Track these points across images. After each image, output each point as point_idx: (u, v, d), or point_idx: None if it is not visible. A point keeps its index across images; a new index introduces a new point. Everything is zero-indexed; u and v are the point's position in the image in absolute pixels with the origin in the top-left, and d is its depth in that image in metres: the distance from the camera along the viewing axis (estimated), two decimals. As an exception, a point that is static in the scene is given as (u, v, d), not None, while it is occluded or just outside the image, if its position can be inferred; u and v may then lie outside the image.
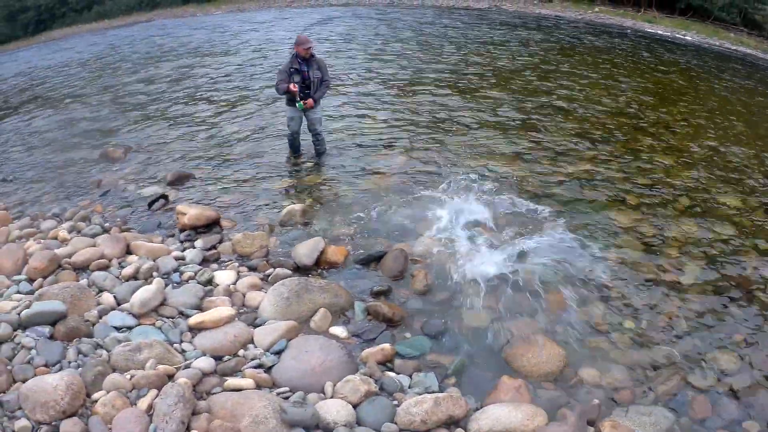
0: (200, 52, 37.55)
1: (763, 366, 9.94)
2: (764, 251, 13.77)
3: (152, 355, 8.01)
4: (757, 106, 31.61)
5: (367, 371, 8.53)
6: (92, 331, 8.82)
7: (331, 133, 18.32)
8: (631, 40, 51.37)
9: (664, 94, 30.44)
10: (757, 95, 34.98)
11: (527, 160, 17.62)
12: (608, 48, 45.29)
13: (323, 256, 11.43)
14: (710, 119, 25.76)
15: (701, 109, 27.81)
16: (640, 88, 30.71)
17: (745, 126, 25.47)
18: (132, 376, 7.63)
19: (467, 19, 57.45)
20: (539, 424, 7.89)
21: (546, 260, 12.32)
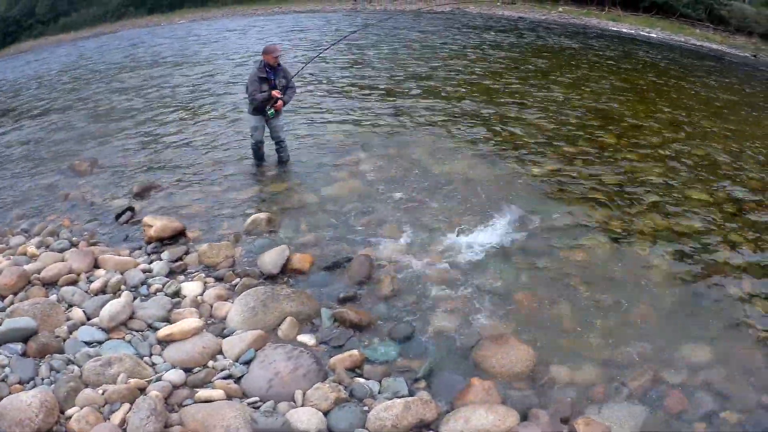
0: (166, 62, 37.60)
1: (737, 357, 10.06)
2: (734, 244, 13.95)
3: (123, 369, 8.02)
4: (724, 101, 31.86)
5: (336, 378, 8.56)
6: (63, 346, 8.84)
7: (294, 141, 18.33)
8: (596, 40, 51.88)
9: (630, 91, 30.71)
10: (724, 90, 35.29)
11: (493, 161, 17.72)
12: (573, 48, 45.74)
13: (289, 264, 11.43)
14: (677, 115, 26.01)
15: (668, 106, 28.01)
16: (606, 87, 31.00)
17: (712, 121, 25.71)
18: (104, 391, 7.65)
19: (431, 22, 57.84)
20: (511, 425, 7.93)
21: (513, 260, 12.44)
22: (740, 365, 9.89)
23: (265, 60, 15.15)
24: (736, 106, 30.87)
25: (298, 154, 17.47)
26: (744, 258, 13.50)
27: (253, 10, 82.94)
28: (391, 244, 12.68)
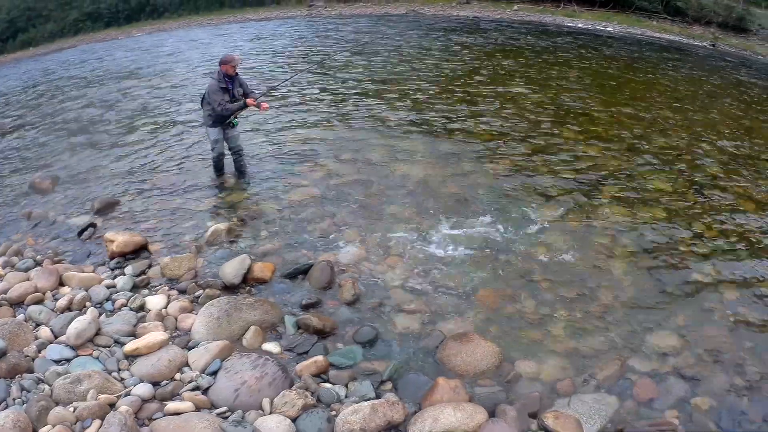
0: (126, 75, 37.08)
1: (705, 342, 10.29)
2: (697, 231, 14.24)
3: (92, 385, 8.05)
4: (683, 91, 32.11)
5: (302, 384, 8.65)
6: (33, 366, 8.85)
7: (252, 150, 18.33)
8: (552, 36, 51.96)
9: (588, 86, 30.90)
10: (683, 80, 35.58)
11: (451, 161, 17.85)
12: (529, 45, 45.81)
13: (250, 273, 11.49)
14: (636, 107, 26.23)
15: (626, 98, 28.29)
16: (563, 82, 31.15)
17: (672, 111, 25.98)
18: (75, 408, 7.67)
19: (388, 25, 57.53)
20: (479, 422, 8.05)
21: (474, 258, 12.56)
22: (709, 350, 10.12)
23: (223, 70, 15.02)
24: (695, 96, 31.12)
25: (256, 163, 17.51)
26: (707, 244, 13.79)
27: (208, 20, 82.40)
28: (351, 248, 12.78)
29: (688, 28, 64.51)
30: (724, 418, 8.75)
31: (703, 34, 61.87)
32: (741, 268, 13.04)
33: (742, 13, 63.26)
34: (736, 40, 60.18)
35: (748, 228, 14.86)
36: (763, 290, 12.18)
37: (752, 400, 9.17)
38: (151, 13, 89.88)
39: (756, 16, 64.19)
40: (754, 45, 58.49)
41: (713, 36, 60.96)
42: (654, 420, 8.62)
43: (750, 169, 19.03)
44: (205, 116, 15.54)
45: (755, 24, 63.05)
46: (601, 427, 8.43)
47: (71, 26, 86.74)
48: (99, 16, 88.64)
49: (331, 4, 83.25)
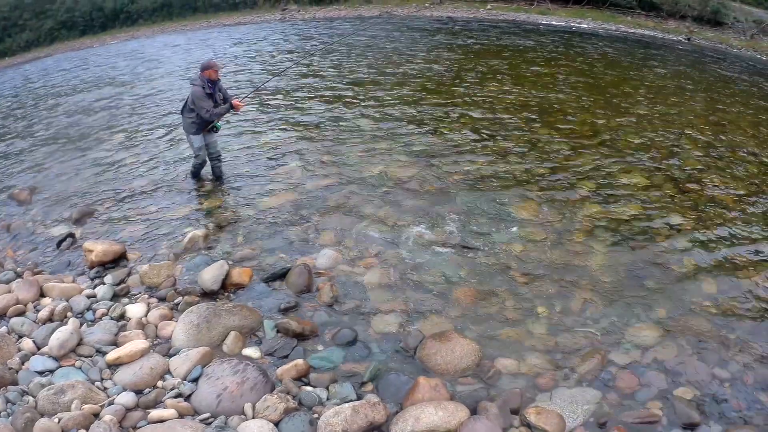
0: (102, 84, 36.87)
1: (686, 334, 10.41)
2: (674, 224, 14.36)
3: (76, 395, 8.07)
4: (658, 85, 32.29)
5: (283, 388, 8.69)
6: (17, 378, 8.88)
7: (228, 154, 18.33)
8: (526, 34, 52.04)
9: (561, 82, 30.93)
10: (658, 74, 35.75)
11: (427, 161, 17.91)
12: (502, 43, 45.87)
13: (228, 278, 11.49)
14: (609, 102, 26.40)
15: (600, 94, 28.40)
16: (536, 79, 31.28)
17: (648, 106, 26.17)
18: (60, 419, 7.68)
19: (361, 27, 57.37)
20: (461, 420, 8.12)
21: (451, 257, 12.64)
22: (689, 341, 10.23)
23: (206, 76, 14.98)
24: (671, 90, 31.26)
25: (232, 168, 17.50)
26: (685, 237, 13.93)
27: (182, 26, 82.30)
28: (328, 251, 12.78)
29: (663, 22, 64.85)
30: (707, 408, 8.84)
31: (678, 29, 62.24)
32: (719, 259, 13.18)
33: (717, 7, 63.54)
34: (712, 34, 60.56)
35: (726, 219, 15.02)
36: (742, 281, 12.33)
37: (735, 389, 9.27)
38: (125, 20, 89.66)
39: (731, 9, 64.48)
40: (730, 38, 58.90)
41: (688, 30, 61.30)
42: (637, 412, 8.70)
43: (727, 162, 19.19)
44: (188, 124, 15.43)
45: (730, 17, 63.37)
46: (583, 420, 8.50)
47: (47, 35, 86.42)
48: (74, 24, 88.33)
49: (304, 8, 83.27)
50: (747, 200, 16.35)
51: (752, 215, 15.47)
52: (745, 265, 13.00)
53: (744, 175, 18.23)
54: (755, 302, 11.67)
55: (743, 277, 12.48)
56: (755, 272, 12.75)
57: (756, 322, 11.02)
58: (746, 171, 18.57)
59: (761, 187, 17.34)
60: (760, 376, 9.60)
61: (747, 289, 12.05)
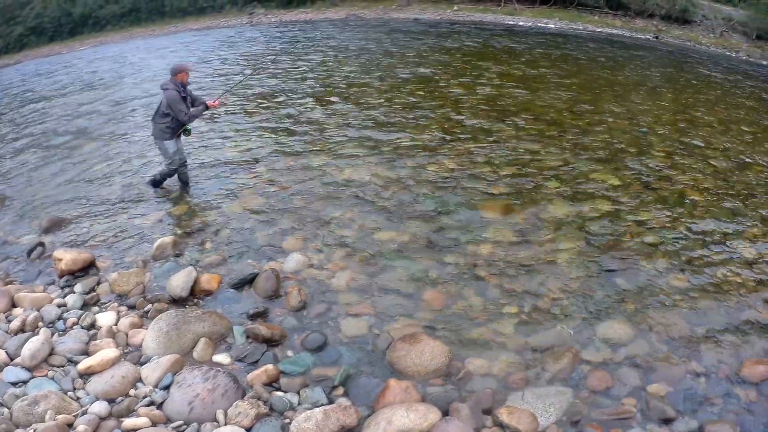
0: (71, 90, 36.61)
1: (657, 330, 10.54)
2: (644, 221, 14.53)
3: (50, 406, 8.06)
4: (626, 83, 32.62)
5: (254, 394, 8.70)
6: (-9, 389, 8.81)
7: (194, 160, 18.32)
8: (493, 34, 52.11)
9: (527, 82, 31.09)
10: (626, 73, 36.14)
11: (393, 164, 18.00)
12: (468, 44, 46.03)
13: (197, 285, 11.47)
14: (576, 101, 26.58)
15: (567, 93, 28.62)
16: (502, 79, 31.48)
17: (615, 104, 26.42)
18: (34, 430, 7.67)
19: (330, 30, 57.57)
20: (433, 422, 8.15)
21: (419, 259, 12.74)
22: (661, 337, 10.36)
23: (179, 79, 14.98)
24: (638, 88, 31.49)
25: (198, 174, 17.51)
26: (654, 233, 14.10)
27: (150, 31, 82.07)
28: (296, 255, 12.79)
29: (630, 21, 65.40)
30: (682, 403, 8.94)
31: (647, 27, 62.77)
32: (689, 255, 13.32)
33: (686, 5, 64.09)
34: (680, 32, 61.05)
35: (695, 216, 15.21)
36: (712, 276, 12.49)
37: (710, 383, 9.40)
38: (93, 26, 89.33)
39: (699, 7, 64.96)
40: (698, 36, 59.43)
41: (656, 28, 61.85)
42: (611, 409, 8.78)
43: (697, 159, 19.38)
44: (161, 129, 15.32)
45: (699, 15, 63.84)
46: (556, 419, 8.55)
47: (16, 41, 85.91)
48: (43, 30, 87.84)
49: (271, 11, 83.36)
50: (716, 196, 16.54)
51: (721, 211, 15.64)
52: (714, 261, 13.18)
53: (713, 171, 18.42)
54: (726, 297, 11.81)
55: (713, 273, 12.64)
56: (725, 267, 12.92)
57: (727, 317, 11.15)
58: (715, 167, 18.76)
59: (730, 183, 17.55)
60: (733, 370, 9.72)
61: (717, 284, 12.21)
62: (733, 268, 12.89)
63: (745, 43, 58.93)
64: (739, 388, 9.36)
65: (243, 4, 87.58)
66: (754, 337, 10.64)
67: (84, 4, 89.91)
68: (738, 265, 13.11)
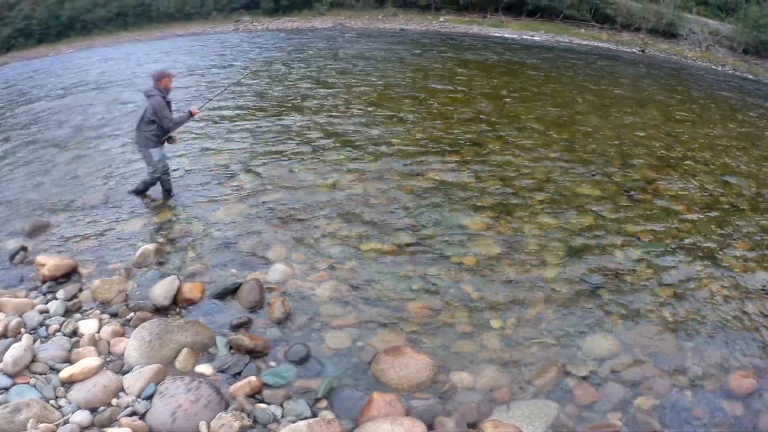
0: (55, 94, 36.40)
1: (642, 344, 10.58)
2: (628, 235, 14.56)
3: (31, 414, 7.97)
4: (611, 96, 32.77)
5: (237, 406, 8.62)
6: (-26, 396, 8.75)
7: (176, 168, 18.24)
8: (479, 46, 52.38)
9: (512, 94, 31.25)
10: (611, 86, 36.31)
11: (378, 175, 18.00)
12: (455, 56, 46.30)
13: (180, 294, 11.41)
14: (562, 113, 26.71)
15: (553, 106, 28.73)
16: (488, 91, 31.53)
17: (601, 117, 26.61)
18: (17, 439, 7.57)
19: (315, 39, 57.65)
20: (418, 435, 8.05)
21: (403, 271, 12.73)
22: (646, 351, 10.40)
23: (162, 85, 14.95)
24: (623, 101, 31.62)
25: (182, 182, 17.45)
26: (640, 247, 14.16)
27: (137, 36, 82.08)
28: (279, 265, 12.77)
29: (617, 34, 65.79)
30: (668, 417, 8.98)
31: (633, 41, 63.13)
32: (674, 269, 13.39)
33: (673, 19, 64.43)
34: (666, 45, 61.40)
35: (680, 229, 15.29)
36: (697, 290, 12.57)
37: (696, 397, 9.44)
38: (81, 29, 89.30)
39: (686, 21, 65.29)
40: (684, 49, 59.72)
41: (642, 42, 62.22)
42: (596, 423, 8.81)
43: (680, 171, 19.51)
44: (148, 137, 15.25)
45: (686, 29, 64.14)
46: (542, 432, 8.53)
47: (4, 43, 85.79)
48: (31, 32, 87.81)
49: (257, 19, 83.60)
50: (702, 210, 16.65)
51: (706, 224, 15.75)
52: (700, 274, 13.26)
53: (697, 183, 18.52)
54: (711, 310, 11.88)
55: (699, 286, 12.73)
56: (710, 280, 13.02)
57: (713, 330, 11.23)
58: (699, 180, 18.87)
59: (714, 196, 17.67)
60: (720, 383, 9.78)
61: (702, 298, 12.29)
62: (719, 282, 12.97)
63: (731, 57, 59.21)
64: (726, 401, 9.41)
65: (229, 11, 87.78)
66: (741, 350, 10.70)
67: (72, 8, 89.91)
68: (724, 278, 13.19)
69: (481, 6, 75.49)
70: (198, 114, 15.96)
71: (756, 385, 9.81)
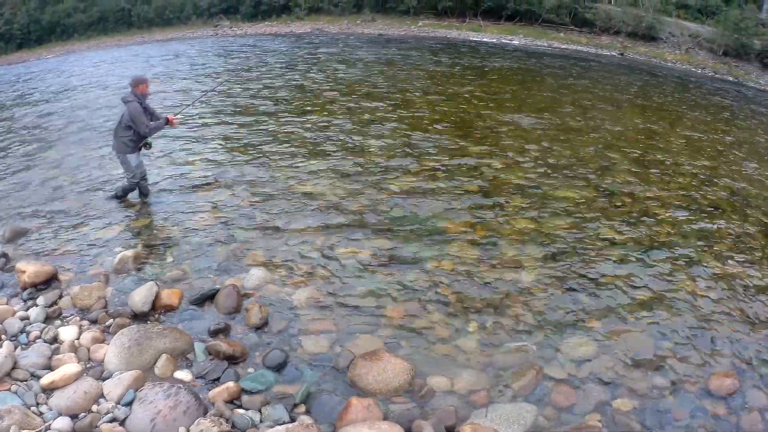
0: (35, 100, 36.26)
1: (622, 346, 10.67)
2: (606, 238, 14.71)
3: (13, 421, 8.01)
4: (589, 99, 32.86)
5: (216, 412, 8.69)
6: (-44, 402, 8.75)
7: (154, 173, 18.24)
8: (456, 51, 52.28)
9: (490, 98, 31.28)
10: (590, 89, 36.36)
11: (355, 180, 18.06)
12: (435, 60, 46.18)
13: (158, 300, 11.40)
14: (539, 117, 26.70)
15: (530, 110, 28.84)
16: (464, 96, 31.60)
17: (578, 120, 26.56)
18: (-2, 445, 7.60)
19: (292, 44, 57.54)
20: (396, 439, 8.09)
21: (380, 275, 12.81)
22: (626, 352, 10.49)
23: (139, 91, 15.01)
24: (601, 104, 31.76)
25: (159, 188, 17.46)
26: (618, 249, 14.27)
27: (116, 41, 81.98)
28: (257, 271, 12.79)
29: (596, 38, 66.11)
30: (648, 418, 9.07)
31: (612, 44, 63.46)
32: (653, 270, 13.51)
33: (652, 22, 64.71)
34: (645, 48, 61.73)
35: (658, 231, 15.42)
36: (675, 291, 12.71)
37: (676, 398, 9.56)
38: (61, 34, 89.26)
39: (666, 24, 65.59)
40: (664, 52, 60.03)
41: (621, 45, 62.46)
42: (575, 425, 8.89)
43: (659, 174, 19.63)
44: (124, 142, 15.32)
45: (665, 32, 64.41)
46: (521, 435, 8.58)
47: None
48: (11, 37, 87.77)
49: (236, 24, 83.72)
50: (679, 212, 16.83)
51: (684, 226, 15.91)
52: (678, 276, 13.40)
53: (676, 186, 18.70)
54: (690, 311, 12.02)
55: (677, 287, 12.86)
56: (688, 281, 13.18)
57: (691, 331, 11.35)
58: (678, 183, 19.07)
59: (693, 198, 17.85)
60: (701, 383, 9.91)
61: (681, 299, 12.43)
62: (698, 283, 13.12)
63: (711, 59, 59.55)
64: (707, 401, 9.54)
65: (209, 16, 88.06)
66: (721, 350, 10.85)
67: (53, 12, 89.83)
68: (703, 279, 13.35)
69: (460, 11, 75.75)
70: (175, 120, 15.89)
71: (738, 385, 9.95)
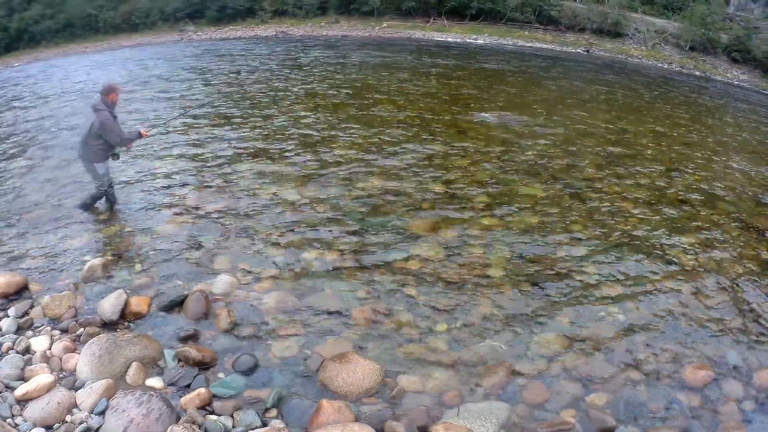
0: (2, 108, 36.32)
1: (593, 341, 10.83)
2: (573, 234, 14.90)
3: (-11, 434, 8.00)
4: (554, 97, 33.06)
5: (188, 418, 8.70)
6: (-68, 417, 8.73)
7: (121, 181, 18.24)
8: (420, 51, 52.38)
9: (452, 97, 31.59)
10: (553, 86, 36.35)
11: (320, 182, 18.14)
12: (395, 61, 46.28)
13: (127, 308, 11.40)
14: (504, 116, 26.98)
15: (494, 108, 28.87)
16: (428, 96, 31.82)
17: (543, 117, 26.60)
18: (-27, 459, 7.62)
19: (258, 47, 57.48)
20: (369, 441, 8.17)
21: (348, 277, 12.91)
22: (598, 347, 10.66)
23: (110, 99, 14.86)
24: (568, 101, 31.90)
25: (127, 195, 17.43)
26: (585, 245, 14.47)
27: (84, 47, 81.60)
28: (224, 276, 12.85)
29: (561, 35, 66.43)
30: (623, 412, 9.22)
31: (577, 41, 63.82)
32: (622, 264, 13.71)
33: (618, 18, 65.08)
34: (611, 45, 62.19)
35: (626, 227, 15.63)
36: (644, 284, 12.93)
37: (651, 390, 9.69)
38: (29, 41, 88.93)
39: (632, 20, 65.97)
40: (630, 48, 60.54)
41: (587, 42, 62.78)
42: (550, 421, 8.99)
43: (625, 169, 19.91)
44: (94, 151, 15.17)
45: (631, 28, 64.83)
46: (494, 433, 8.66)
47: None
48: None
49: (201, 29, 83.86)
50: (649, 206, 17.05)
51: (652, 221, 16.10)
52: (648, 269, 13.60)
53: (644, 182, 18.93)
54: (659, 304, 12.22)
55: (647, 281, 13.07)
56: (656, 275, 13.37)
57: (662, 323, 11.54)
58: (646, 178, 19.28)
59: (661, 194, 18.04)
60: (675, 375, 10.07)
61: (651, 292, 12.63)
62: (669, 276, 13.33)
63: (678, 54, 60.03)
64: (682, 393, 9.70)
65: (174, 21, 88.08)
66: (693, 342, 11.03)
67: (20, 19, 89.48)
68: (673, 273, 13.56)
69: (424, 11, 75.96)
70: (146, 135, 15.92)
71: (712, 376, 10.13)
